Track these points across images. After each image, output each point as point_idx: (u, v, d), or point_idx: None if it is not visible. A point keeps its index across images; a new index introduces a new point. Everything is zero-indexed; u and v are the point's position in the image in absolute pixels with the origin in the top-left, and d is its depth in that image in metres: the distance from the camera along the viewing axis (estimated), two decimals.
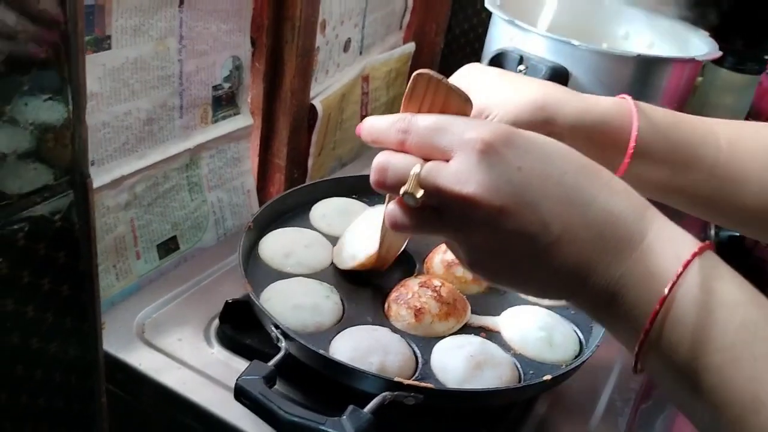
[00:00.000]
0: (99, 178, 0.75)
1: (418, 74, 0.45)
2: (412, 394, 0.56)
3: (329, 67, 1.06)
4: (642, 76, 0.87)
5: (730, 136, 0.57)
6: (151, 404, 0.67)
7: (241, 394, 0.52)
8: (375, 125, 0.47)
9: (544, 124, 0.53)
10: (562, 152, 0.44)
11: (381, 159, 0.45)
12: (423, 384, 0.57)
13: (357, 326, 0.65)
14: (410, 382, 0.56)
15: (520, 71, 0.90)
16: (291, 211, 0.82)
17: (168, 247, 0.88)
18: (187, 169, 0.88)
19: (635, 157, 0.55)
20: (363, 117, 1.07)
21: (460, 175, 0.41)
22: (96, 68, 0.70)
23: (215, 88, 0.88)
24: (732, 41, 1.41)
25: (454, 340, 0.65)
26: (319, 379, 0.60)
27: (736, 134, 0.58)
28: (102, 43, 0.70)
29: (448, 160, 0.43)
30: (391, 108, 1.26)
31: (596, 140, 0.54)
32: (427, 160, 0.44)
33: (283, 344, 0.59)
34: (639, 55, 0.87)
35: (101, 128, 0.73)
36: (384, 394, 0.55)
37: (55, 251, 0.50)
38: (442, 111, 0.46)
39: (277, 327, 0.60)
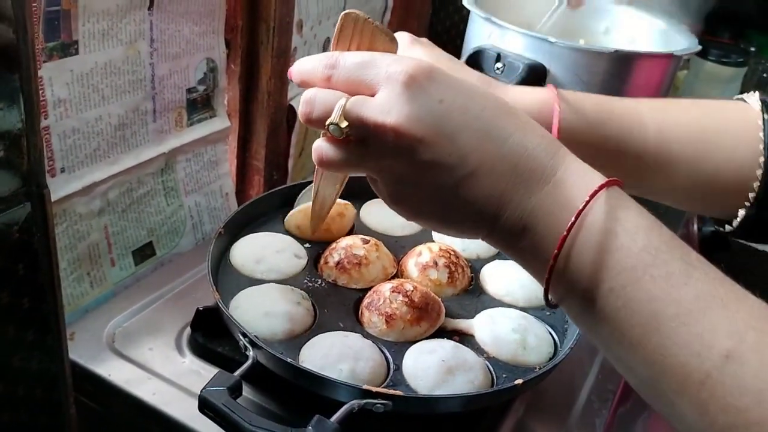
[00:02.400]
0: (70, 185, 0.74)
1: (345, 14, 0.47)
2: (381, 401, 0.55)
3: None
4: (619, 71, 0.86)
5: (659, 123, 0.60)
6: (121, 416, 0.66)
7: (204, 405, 0.51)
8: (304, 64, 0.48)
9: None
10: (481, 90, 0.46)
11: (309, 93, 0.47)
12: (391, 391, 0.56)
13: (328, 333, 0.64)
14: (379, 389, 0.55)
15: (498, 69, 0.90)
16: (265, 215, 0.81)
17: (144, 253, 0.87)
18: (163, 174, 0.87)
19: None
20: None
21: (384, 106, 0.43)
22: (64, 74, 0.69)
23: (189, 91, 0.87)
24: (718, 34, 1.41)
25: (426, 344, 0.64)
26: (290, 387, 0.59)
27: (664, 120, 0.60)
28: (69, 49, 0.69)
29: (373, 95, 0.44)
30: None
31: None
32: (354, 95, 0.45)
33: (250, 353, 0.58)
34: (616, 51, 0.86)
35: (71, 134, 0.73)
36: (352, 402, 0.54)
37: (14, 263, 0.49)
38: (370, 50, 0.47)
39: (244, 335, 0.59)
